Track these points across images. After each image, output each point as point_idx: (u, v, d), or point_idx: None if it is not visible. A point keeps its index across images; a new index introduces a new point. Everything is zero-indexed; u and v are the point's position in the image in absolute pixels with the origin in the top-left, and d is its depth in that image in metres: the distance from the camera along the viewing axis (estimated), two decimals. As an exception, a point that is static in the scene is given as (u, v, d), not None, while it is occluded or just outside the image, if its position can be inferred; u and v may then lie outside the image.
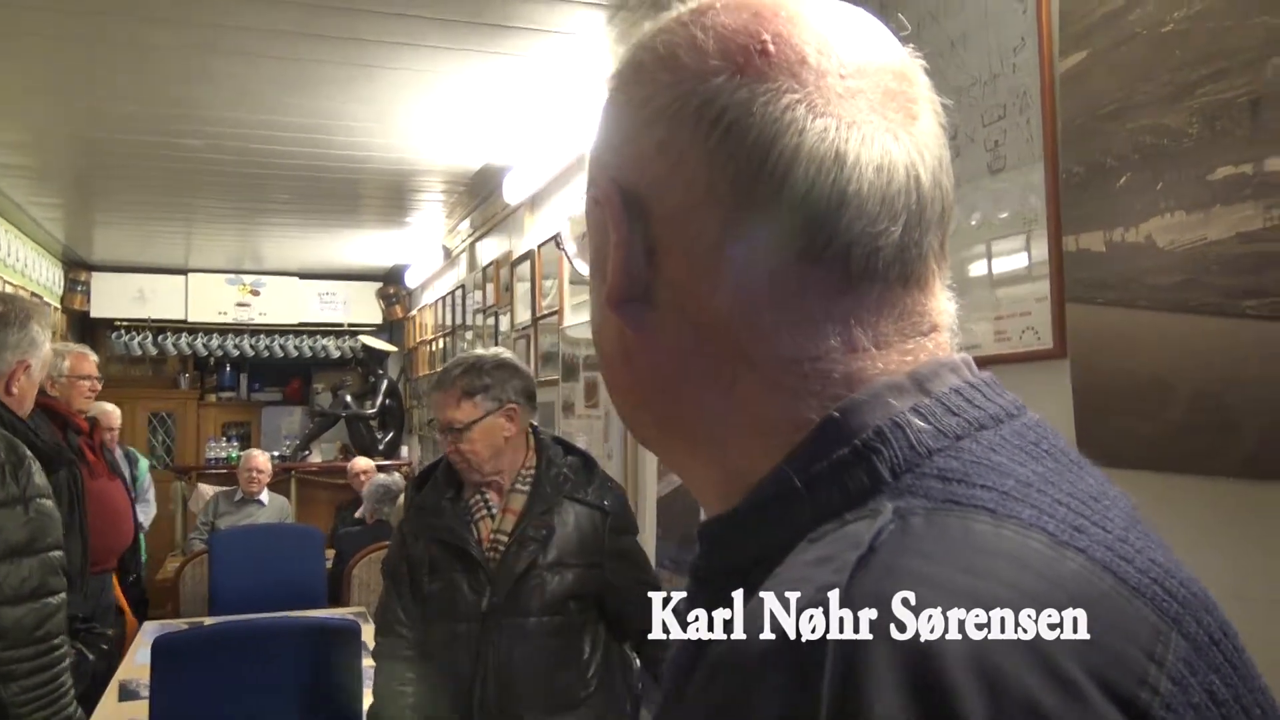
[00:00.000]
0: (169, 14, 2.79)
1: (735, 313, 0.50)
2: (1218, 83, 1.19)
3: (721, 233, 0.49)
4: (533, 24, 2.85)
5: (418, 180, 4.91)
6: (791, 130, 0.47)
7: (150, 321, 7.82)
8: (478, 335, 5.32)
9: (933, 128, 0.51)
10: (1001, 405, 0.50)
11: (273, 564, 4.60)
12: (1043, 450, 0.48)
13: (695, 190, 0.50)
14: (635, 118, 0.53)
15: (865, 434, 0.46)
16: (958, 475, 0.44)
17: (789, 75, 0.48)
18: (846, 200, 0.47)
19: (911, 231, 0.49)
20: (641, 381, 0.56)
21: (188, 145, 4.16)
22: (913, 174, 0.49)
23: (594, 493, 2.17)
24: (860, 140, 0.48)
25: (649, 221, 0.52)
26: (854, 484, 0.45)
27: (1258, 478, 1.15)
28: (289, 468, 7.43)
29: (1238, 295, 1.16)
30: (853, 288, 0.49)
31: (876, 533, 0.40)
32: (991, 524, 0.41)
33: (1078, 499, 0.45)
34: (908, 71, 0.52)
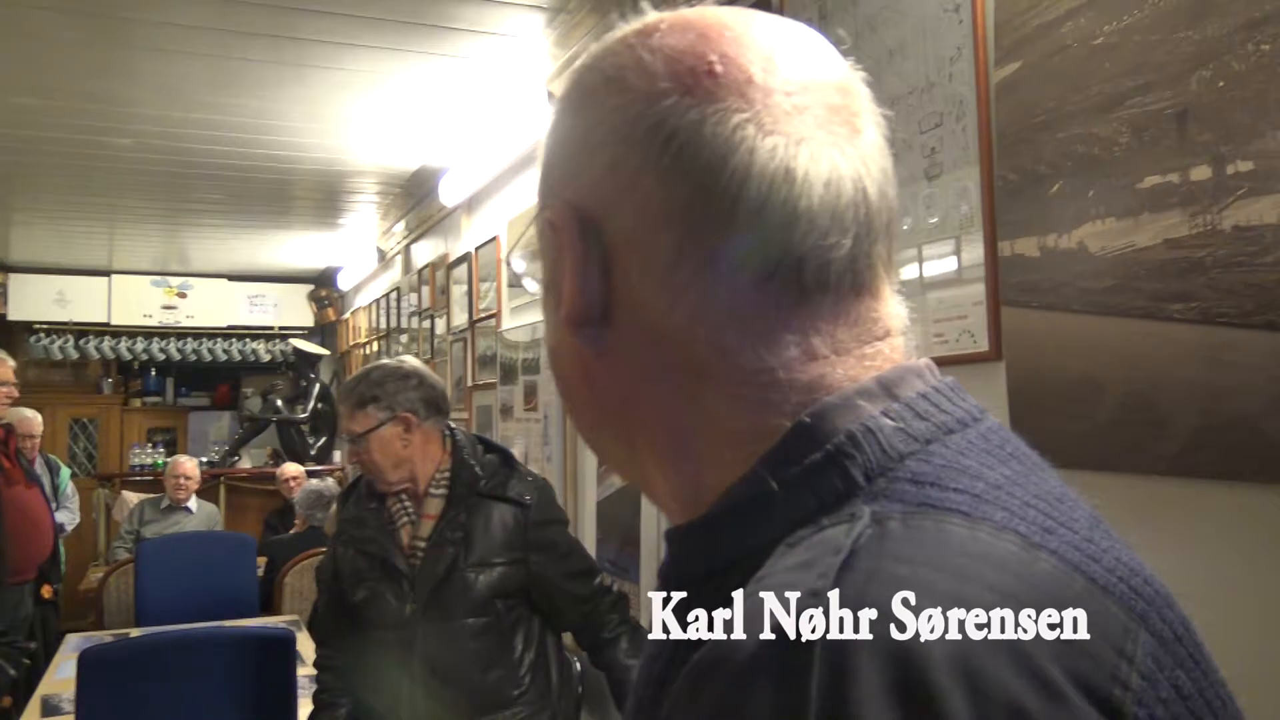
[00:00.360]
0: (74, 4, 2.70)
1: (694, 329, 0.50)
2: (1146, 95, 1.23)
3: (677, 252, 0.50)
4: (470, 25, 2.83)
5: (351, 181, 4.84)
6: (742, 149, 0.48)
7: (71, 324, 7.57)
8: (413, 338, 5.27)
9: (876, 140, 0.52)
10: (966, 409, 0.51)
11: (202, 573, 4.49)
12: (1008, 453, 0.49)
13: (649, 211, 0.50)
14: (586, 140, 0.53)
15: (837, 438, 0.46)
16: (930, 479, 0.45)
17: (737, 95, 0.49)
18: (798, 216, 0.48)
19: (861, 243, 0.50)
20: (604, 402, 0.56)
21: (110, 143, 4.05)
22: (860, 187, 0.50)
23: (514, 488, 2.17)
24: (809, 156, 0.49)
25: (604, 243, 0.52)
26: (828, 488, 0.45)
27: (1184, 475, 1.19)
28: (218, 474, 7.26)
29: (1165, 299, 1.20)
30: (807, 299, 0.50)
31: (856, 537, 0.41)
32: (966, 527, 0.42)
33: (1045, 500, 0.46)
34: (850, 86, 0.53)
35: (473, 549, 2.09)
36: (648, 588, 2.51)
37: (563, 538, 2.22)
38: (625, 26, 0.55)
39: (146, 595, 4.37)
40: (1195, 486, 1.19)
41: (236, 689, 2.52)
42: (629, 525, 2.63)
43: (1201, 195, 1.16)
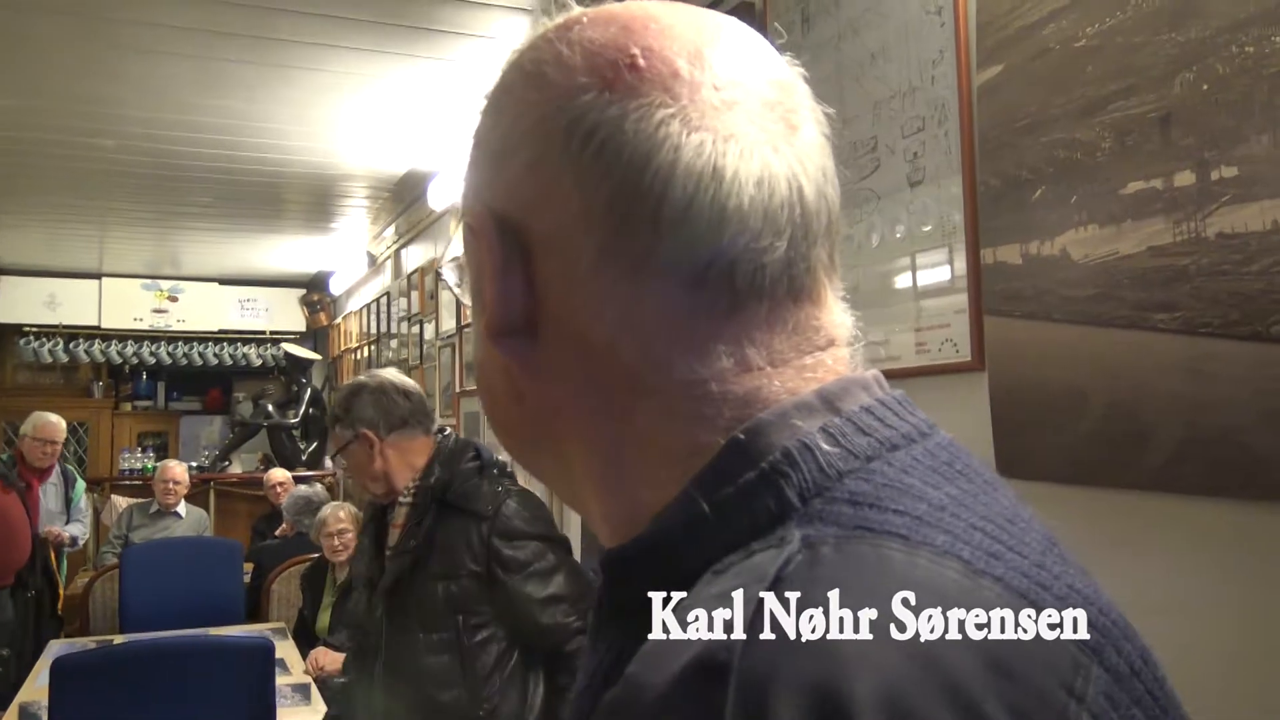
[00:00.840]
0: (59, 5, 2.67)
1: (622, 340, 0.47)
2: (1128, 98, 1.20)
3: (599, 257, 0.47)
4: (454, 27, 2.80)
5: (341, 185, 4.81)
6: (666, 146, 0.45)
7: (62, 328, 7.54)
8: (403, 343, 5.23)
9: (815, 138, 0.49)
10: (913, 424, 0.48)
11: (188, 579, 4.46)
12: (956, 470, 0.46)
13: (569, 213, 0.47)
14: (504, 140, 0.50)
15: (772, 456, 0.43)
16: (869, 499, 0.42)
17: (661, 89, 0.46)
18: (727, 217, 0.45)
19: (798, 245, 0.47)
20: (534, 419, 0.53)
21: (98, 145, 4.02)
22: (795, 186, 0.47)
23: (480, 498, 2.09)
24: (739, 154, 0.45)
25: (526, 248, 0.49)
26: (761, 510, 0.42)
27: (1168, 490, 1.16)
28: (208, 479, 7.23)
29: (1149, 308, 1.17)
30: (741, 306, 0.47)
31: (783, 563, 0.38)
32: (904, 552, 0.39)
33: (993, 522, 0.43)
34: (786, 81, 0.50)
35: (432, 560, 2.05)
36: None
37: (532, 556, 2.11)
38: (548, 22, 0.51)
39: (131, 601, 4.34)
40: (1179, 502, 1.16)
41: (215, 699, 2.48)
42: (613, 534, 2.60)
43: (1185, 202, 1.12)
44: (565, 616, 2.07)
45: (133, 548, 4.82)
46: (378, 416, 2.14)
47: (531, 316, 0.49)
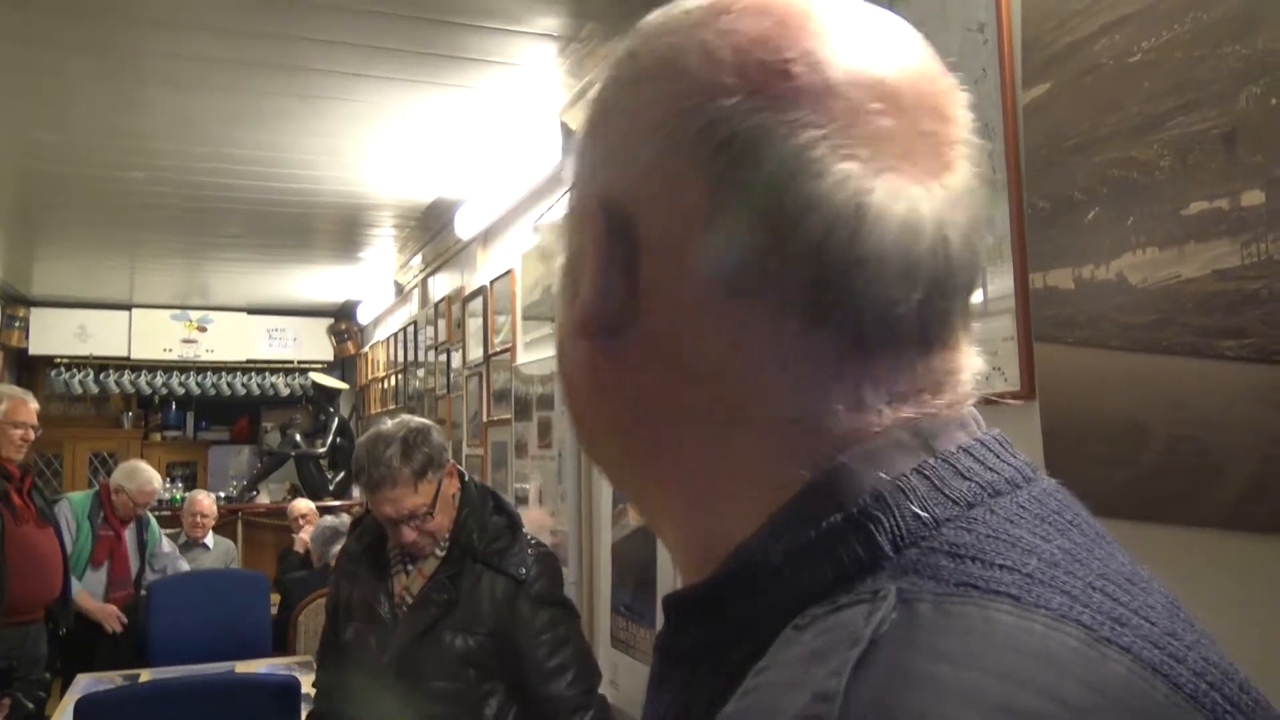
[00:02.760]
0: (88, 39, 2.68)
1: (727, 363, 0.43)
2: (1189, 114, 1.14)
3: (713, 275, 0.42)
4: (483, 55, 2.79)
5: (369, 214, 4.82)
6: (809, 172, 0.40)
7: (92, 359, 7.60)
8: (430, 372, 5.21)
9: (968, 179, 0.44)
10: (1015, 467, 0.42)
11: (214, 612, 4.43)
12: (1066, 521, 0.40)
13: (689, 221, 0.43)
14: (630, 127, 0.45)
15: (862, 498, 0.39)
16: (972, 552, 0.37)
17: (813, 105, 0.41)
18: (863, 260, 0.40)
19: (934, 300, 0.42)
20: (614, 416, 0.48)
21: (130, 177, 4.04)
22: (942, 234, 0.42)
23: (513, 559, 2.06)
24: (886, 192, 0.40)
25: (634, 247, 0.45)
26: (848, 557, 0.38)
27: (1243, 529, 1.09)
28: (235, 509, 7.23)
29: (1214, 335, 1.10)
30: (864, 351, 0.42)
31: (878, 623, 0.33)
32: (1016, 615, 0.34)
33: (1113, 582, 0.38)
34: (949, 109, 0.44)
35: (456, 613, 2.00)
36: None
37: (549, 623, 2.06)
38: (689, 3, 0.46)
39: (157, 635, 4.32)
40: (1254, 540, 1.09)
41: (239, 737, 2.44)
42: (645, 568, 2.54)
43: (1254, 222, 1.06)
44: (568, 689, 2.03)
45: (158, 581, 4.80)
46: (444, 446, 2.10)
47: (627, 317, 0.45)
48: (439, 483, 2.05)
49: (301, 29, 2.62)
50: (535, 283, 3.50)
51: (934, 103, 0.44)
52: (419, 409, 5.51)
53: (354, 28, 2.61)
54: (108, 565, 4.59)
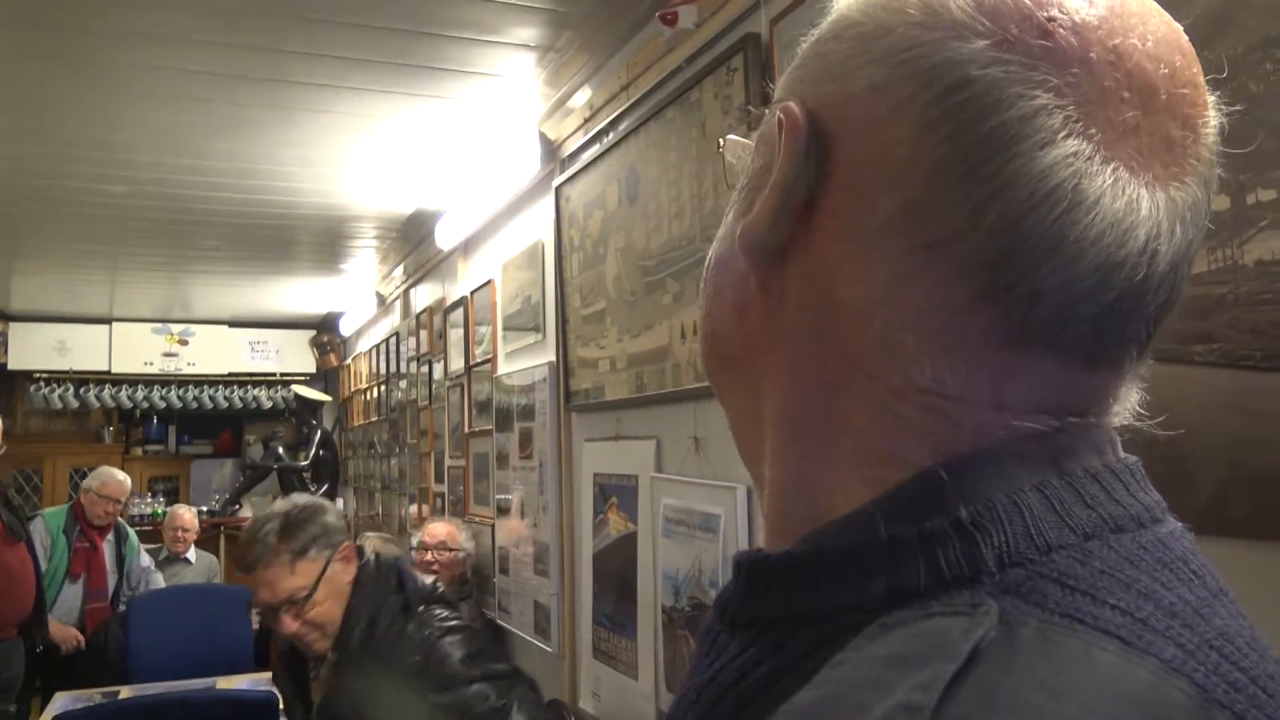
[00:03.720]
0: (65, 52, 2.66)
1: (873, 313, 0.41)
2: (1155, 120, 1.15)
3: (896, 218, 0.40)
4: (460, 66, 2.78)
5: (350, 226, 4.80)
6: (1035, 139, 0.37)
7: (72, 373, 7.53)
8: (411, 383, 5.19)
9: (1198, 201, 0.41)
10: (1144, 504, 0.40)
11: (196, 627, 4.41)
12: (1190, 571, 0.38)
13: (890, 156, 0.40)
14: (859, 47, 0.43)
15: (974, 506, 0.37)
16: (1083, 585, 0.35)
17: (1061, 72, 0.38)
18: (1062, 247, 0.38)
19: (1120, 313, 0.39)
20: (747, 340, 0.47)
21: (109, 190, 4.01)
22: (1152, 247, 0.39)
23: (409, 646, 1.84)
24: (1110, 183, 0.38)
25: (826, 170, 0.42)
26: (948, 565, 0.36)
27: (1211, 534, 1.09)
28: (218, 523, 7.18)
29: (1184, 340, 1.11)
30: (1023, 344, 0.39)
31: (978, 640, 0.31)
32: (1122, 659, 0.32)
33: (1231, 644, 0.35)
34: (1198, 123, 0.41)
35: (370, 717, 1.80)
36: (645, 645, 2.39)
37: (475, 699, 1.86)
38: None
39: (138, 651, 4.28)
40: (1223, 545, 1.09)
41: (217, 755, 2.42)
42: (626, 578, 2.53)
43: (1220, 227, 1.07)
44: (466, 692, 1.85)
45: (140, 596, 4.76)
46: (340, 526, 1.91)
47: (795, 241, 0.43)
48: (324, 564, 1.85)
49: (278, 41, 2.61)
50: (516, 293, 3.49)
51: (1186, 111, 0.41)
52: (401, 420, 5.48)
53: (331, 39, 2.60)
54: (85, 578, 4.55)
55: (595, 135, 2.73)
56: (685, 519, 2.19)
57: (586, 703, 2.71)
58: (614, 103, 2.58)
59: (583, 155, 2.81)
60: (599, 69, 2.69)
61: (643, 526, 2.42)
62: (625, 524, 2.53)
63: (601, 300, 2.65)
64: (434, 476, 4.69)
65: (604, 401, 2.64)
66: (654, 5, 2.25)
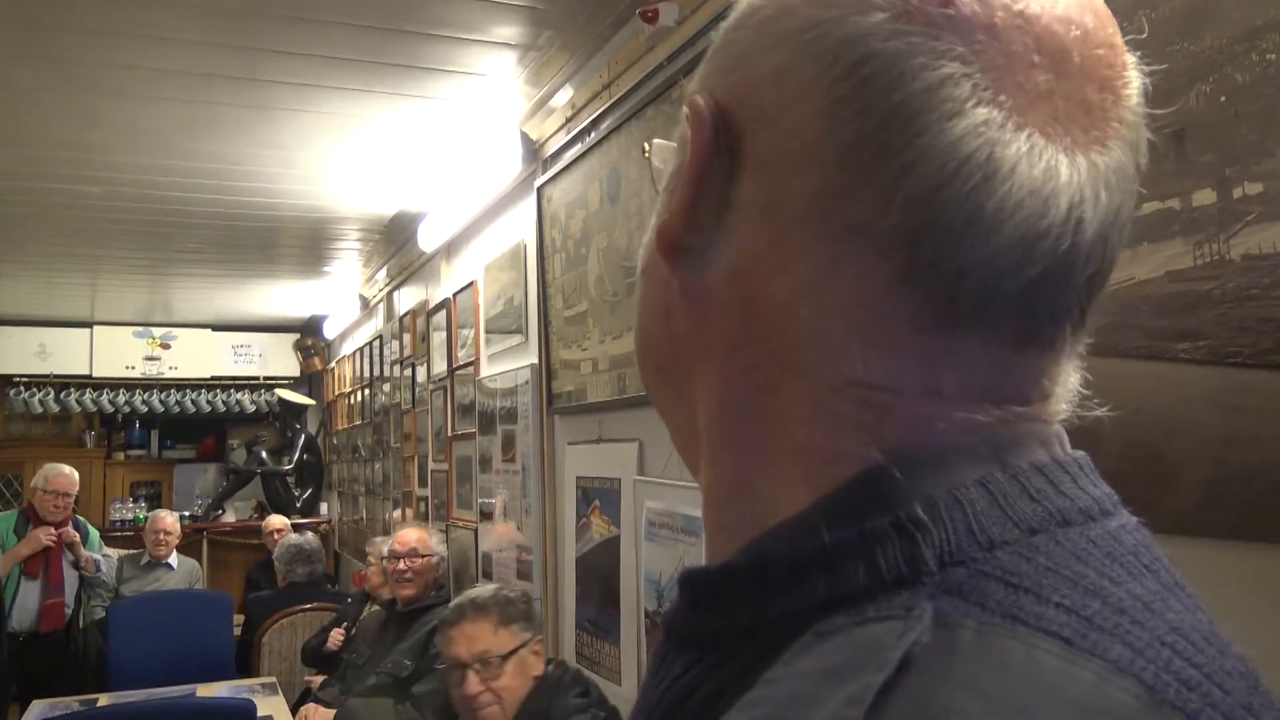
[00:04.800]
0: (38, 50, 2.62)
1: (799, 305, 0.39)
2: (1139, 114, 1.13)
3: (811, 203, 0.38)
4: (440, 65, 2.75)
5: (332, 228, 4.76)
6: (942, 110, 0.36)
7: (53, 377, 7.46)
8: (395, 386, 5.15)
9: (1124, 166, 0.39)
10: (1094, 497, 0.39)
11: (177, 633, 4.36)
12: (1142, 565, 0.37)
13: (799, 141, 0.39)
14: (762, 32, 0.41)
15: (914, 504, 0.35)
16: (1027, 583, 0.33)
17: (966, 40, 0.37)
18: (979, 219, 0.36)
19: (1048, 284, 0.37)
20: (674, 346, 0.45)
21: (84, 192, 3.96)
22: (1076, 214, 0.37)
23: None
24: (1025, 149, 0.36)
25: (737, 162, 0.41)
26: (886, 566, 0.34)
27: (1196, 535, 1.07)
28: (201, 528, 7.12)
29: (1169, 338, 1.09)
30: (950, 324, 0.37)
31: (909, 645, 0.30)
32: (1064, 660, 0.30)
33: (1186, 639, 0.34)
34: (1118, 84, 0.40)
35: None
36: (628, 649, 2.36)
37: None
38: None
39: (118, 657, 4.23)
40: (1208, 547, 1.07)
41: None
42: (609, 582, 2.50)
43: (1206, 222, 1.05)
44: None
45: (118, 603, 4.71)
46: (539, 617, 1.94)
47: (712, 237, 0.42)
48: (522, 643, 1.92)
49: (256, 39, 2.57)
50: (498, 294, 3.46)
51: (1103, 73, 0.39)
52: (385, 424, 5.44)
53: (310, 38, 2.57)
54: (43, 574, 4.52)
55: (577, 135, 2.70)
56: (668, 522, 2.16)
57: (570, 708, 2.67)
58: (595, 102, 2.56)
59: (564, 155, 2.78)
60: (580, 68, 2.66)
61: (625, 530, 2.40)
62: (608, 527, 2.50)
63: (584, 301, 2.62)
64: (418, 480, 4.65)
65: (586, 404, 2.61)
66: (635, 3, 2.22)
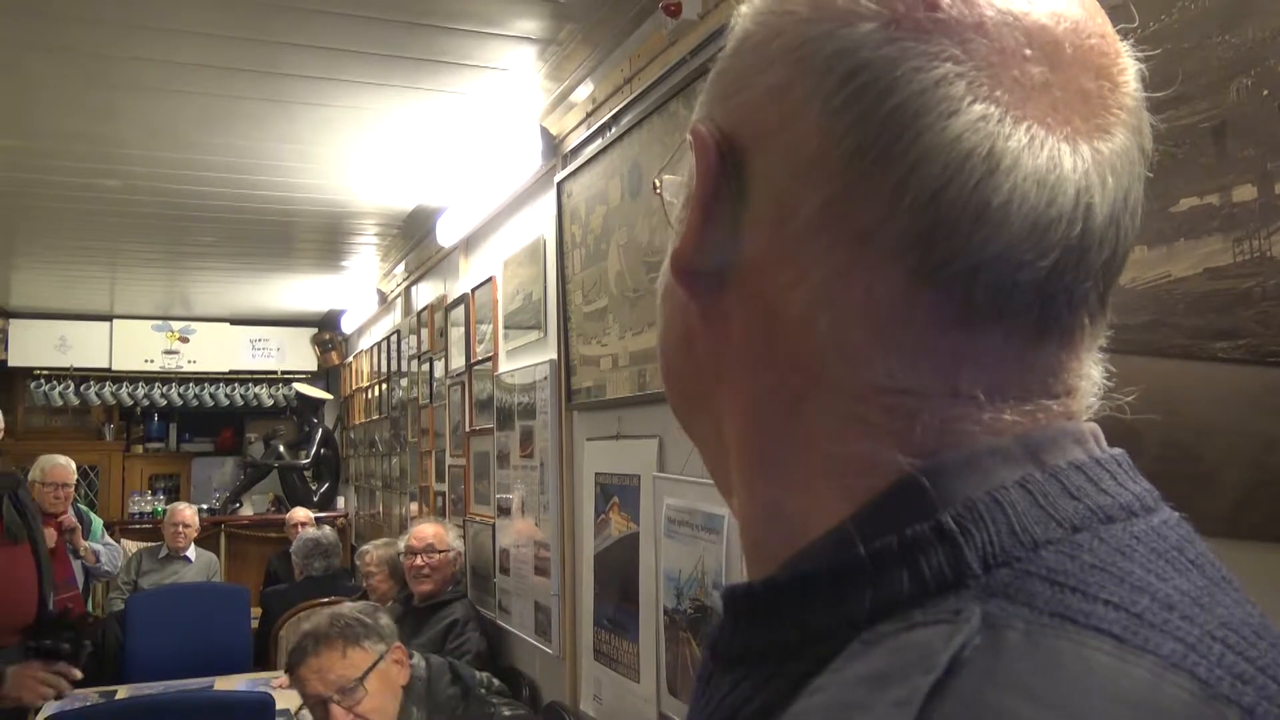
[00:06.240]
0: (55, 42, 2.62)
1: (817, 316, 0.39)
2: (1178, 108, 1.10)
3: (820, 214, 0.39)
4: (460, 59, 2.74)
5: (349, 222, 4.76)
6: (940, 110, 0.36)
7: (72, 370, 7.51)
8: (412, 381, 5.16)
9: (1128, 150, 0.40)
10: (1134, 493, 0.38)
11: (194, 626, 4.38)
12: (1187, 560, 0.36)
13: (802, 155, 0.39)
14: (757, 53, 0.43)
15: (954, 508, 0.35)
16: (1074, 582, 0.33)
17: (956, 40, 0.37)
18: (987, 213, 0.36)
19: (1064, 273, 0.38)
20: (699, 372, 0.46)
21: (102, 185, 3.97)
22: (1085, 200, 0.37)
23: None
24: (1026, 141, 0.36)
25: (744, 182, 0.42)
26: (930, 571, 0.34)
27: (1235, 537, 1.05)
28: (218, 521, 7.15)
29: (1207, 337, 1.06)
30: (969, 322, 0.38)
31: (958, 648, 0.29)
32: (1117, 658, 0.30)
33: (1237, 633, 0.33)
34: (1114, 72, 0.40)
35: None
36: (647, 647, 2.35)
37: None
38: None
39: (135, 650, 4.25)
40: (1248, 549, 1.05)
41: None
42: (627, 579, 2.49)
43: (1246, 218, 1.02)
44: None
45: (138, 594, 4.74)
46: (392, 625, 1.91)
47: (728, 260, 0.42)
48: (378, 657, 1.85)
49: (272, 32, 2.57)
50: (517, 290, 3.45)
51: (1098, 62, 0.40)
52: (402, 418, 5.45)
53: (327, 31, 2.56)
54: None
55: (598, 130, 2.69)
56: (688, 519, 2.15)
57: (587, 705, 2.67)
58: (616, 96, 2.54)
59: (585, 150, 2.77)
60: (601, 62, 2.64)
61: (644, 527, 2.38)
62: (627, 524, 2.49)
63: (603, 297, 2.61)
64: (435, 475, 4.65)
65: (606, 400, 2.60)
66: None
